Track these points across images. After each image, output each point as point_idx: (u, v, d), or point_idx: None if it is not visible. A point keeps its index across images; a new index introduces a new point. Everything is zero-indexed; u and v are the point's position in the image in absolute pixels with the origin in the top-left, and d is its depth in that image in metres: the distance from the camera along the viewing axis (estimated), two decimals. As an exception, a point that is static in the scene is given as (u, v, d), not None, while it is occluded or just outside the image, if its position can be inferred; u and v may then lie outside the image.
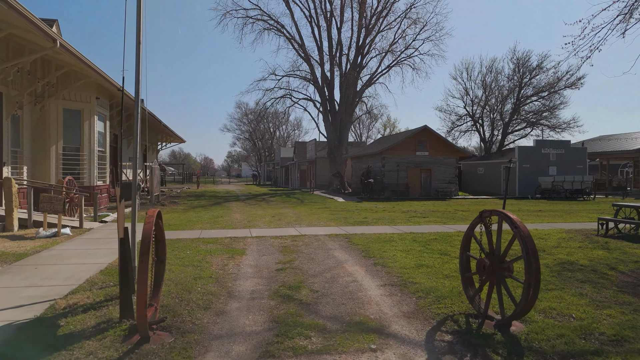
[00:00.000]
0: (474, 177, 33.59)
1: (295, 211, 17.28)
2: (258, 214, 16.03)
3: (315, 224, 12.87)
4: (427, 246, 8.89)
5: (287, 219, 14.13)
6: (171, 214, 15.43)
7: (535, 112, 41.11)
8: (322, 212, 17.01)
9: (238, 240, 9.75)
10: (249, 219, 14.22)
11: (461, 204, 22.09)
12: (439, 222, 13.72)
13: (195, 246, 8.84)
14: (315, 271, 6.76)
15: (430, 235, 10.36)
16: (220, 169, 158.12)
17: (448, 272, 6.58)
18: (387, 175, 27.40)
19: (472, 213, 16.95)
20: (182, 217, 14.48)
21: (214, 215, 15.24)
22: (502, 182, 30.70)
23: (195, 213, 15.92)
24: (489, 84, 42.83)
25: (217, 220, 13.54)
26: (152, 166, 18.35)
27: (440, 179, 28.43)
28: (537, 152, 29.25)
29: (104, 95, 16.23)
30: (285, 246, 8.99)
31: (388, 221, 13.75)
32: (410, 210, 17.92)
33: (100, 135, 16.09)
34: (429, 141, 28.27)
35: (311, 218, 14.59)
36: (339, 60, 36.23)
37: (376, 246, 8.91)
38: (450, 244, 9.21)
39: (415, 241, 9.53)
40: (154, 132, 32.85)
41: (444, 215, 15.88)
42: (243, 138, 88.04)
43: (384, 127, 75.16)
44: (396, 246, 8.90)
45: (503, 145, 42.05)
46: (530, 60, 39.95)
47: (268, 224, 12.77)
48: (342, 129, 35.64)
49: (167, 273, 6.28)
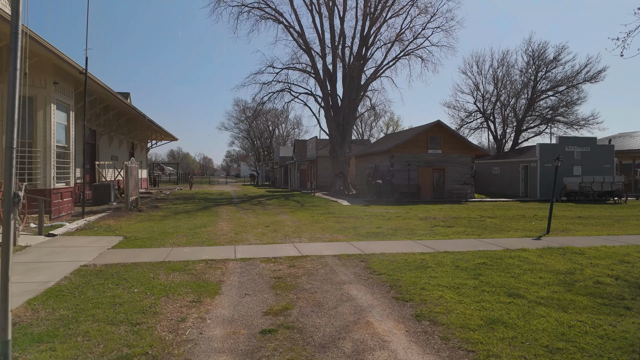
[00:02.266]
0: (489, 177, 30.99)
1: (295, 218, 14.68)
2: (250, 222, 13.43)
3: (319, 237, 10.28)
4: (481, 278, 6.29)
5: (285, 230, 11.54)
6: (144, 222, 12.83)
7: (551, 107, 38.51)
8: (326, 219, 14.42)
9: (216, 265, 7.15)
10: (238, 229, 11.63)
11: (483, 208, 19.49)
12: (470, 233, 11.12)
13: (152, 277, 6.24)
14: (325, 336, 4.16)
15: (475, 257, 7.76)
16: (220, 169, 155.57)
17: (546, 340, 3.98)
18: (396, 176, 24.81)
19: (502, 220, 14.36)
20: (157, 227, 11.88)
21: (196, 224, 12.63)
22: (520, 183, 28.09)
23: (174, 221, 13.31)
24: (500, 78, 40.25)
25: (197, 232, 10.94)
26: (128, 165, 15.74)
27: (454, 179, 25.83)
28: (560, 150, 26.62)
29: (66, 81, 13.62)
30: (279, 277, 6.40)
31: (408, 232, 11.15)
32: (429, 217, 15.32)
33: (62, 128, 13.49)
34: (442, 138, 25.66)
35: (314, 228, 12.00)
36: (342, 53, 33.65)
37: (408, 277, 6.31)
38: (509, 272, 6.61)
39: (459, 268, 6.93)
40: (140, 128, 30.25)
41: (472, 224, 13.28)
42: (241, 137, 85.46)
43: (387, 125, 72.33)
44: (436, 277, 6.31)
45: (517, 143, 39.43)
46: (546, 52, 37.39)
47: (260, 238, 10.17)
48: (346, 126, 33.04)
49: (76, 343, 3.69)
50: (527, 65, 38.68)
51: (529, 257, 7.81)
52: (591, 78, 35.90)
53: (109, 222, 12.38)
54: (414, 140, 25.25)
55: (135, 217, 14.00)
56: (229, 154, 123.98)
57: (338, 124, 32.97)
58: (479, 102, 41.88)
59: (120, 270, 6.70)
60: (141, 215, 14.60)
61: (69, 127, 13.92)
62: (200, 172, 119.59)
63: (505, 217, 15.76)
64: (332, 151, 33.36)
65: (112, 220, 12.99)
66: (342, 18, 33.06)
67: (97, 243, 9.13)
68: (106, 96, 17.48)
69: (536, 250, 8.52)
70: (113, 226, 11.70)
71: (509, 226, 12.81)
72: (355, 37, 33.49)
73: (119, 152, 26.65)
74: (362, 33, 32.84)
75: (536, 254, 8.14)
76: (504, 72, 40.23)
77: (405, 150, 25.13)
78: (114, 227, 11.58)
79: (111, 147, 24.84)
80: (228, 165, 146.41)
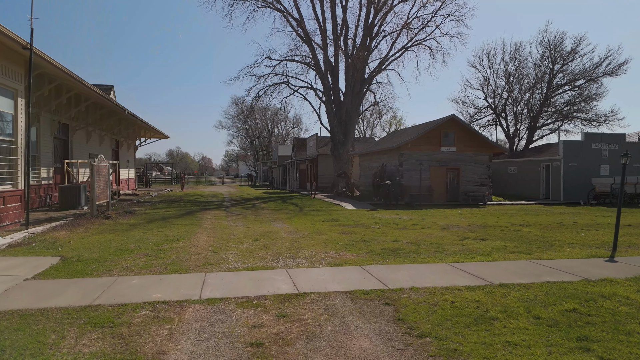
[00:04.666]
0: (504, 177, 28.45)
1: (292, 228, 12.21)
2: (236, 233, 10.95)
3: (322, 257, 7.81)
4: (592, 347, 3.80)
5: (277, 246, 9.06)
6: (104, 234, 10.34)
7: (568, 103, 35.95)
8: (330, 228, 11.94)
9: (166, 314, 4.68)
10: (218, 245, 9.15)
11: (508, 214, 17.01)
12: (515, 250, 8.64)
13: (49, 345, 3.78)
14: None
15: (553, 298, 5.28)
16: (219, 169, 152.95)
17: None
18: (405, 176, 22.31)
19: (542, 230, 11.88)
20: (116, 241, 9.40)
21: (167, 237, 10.14)
22: (541, 184, 25.59)
23: (142, 232, 10.82)
24: (513, 72, 37.71)
25: (164, 250, 8.45)
26: (94, 164, 13.23)
27: (469, 180, 23.32)
28: (585, 147, 24.14)
29: (12, 62, 11.13)
30: (259, 342, 3.93)
31: (435, 249, 8.69)
32: (451, 225, 12.85)
33: (7, 118, 11.03)
34: (456, 134, 23.15)
35: (315, 242, 9.52)
36: (344, 44, 31.15)
37: (470, 343, 3.84)
38: (624, 330, 4.13)
39: (542, 322, 4.43)
40: (125, 124, 27.75)
41: (507, 235, 10.81)
42: (239, 136, 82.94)
43: (389, 124, 69.72)
44: (517, 343, 3.84)
45: (531, 141, 36.89)
46: (563, 43, 34.83)
47: (244, 258, 7.69)
48: (348, 122, 30.57)
49: None
50: (542, 57, 36.12)
51: (631, 297, 5.34)
52: (612, 71, 33.36)
53: (58, 235, 9.89)
54: (425, 136, 22.74)
55: (96, 227, 11.51)
56: (227, 154, 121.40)
57: (340, 120, 30.50)
58: (489, 97, 39.37)
59: (8, 325, 4.22)
60: (106, 224, 12.10)
61: (17, 116, 11.43)
62: (199, 172, 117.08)
63: (541, 225, 13.29)
64: (333, 149, 30.89)
65: (64, 231, 10.49)
66: (345, 6, 30.55)
67: (19, 269, 6.66)
68: (72, 83, 14.98)
69: (628, 282, 6.05)
70: (60, 240, 9.21)
71: (556, 239, 10.33)
72: (359, 26, 31.04)
73: (100, 150, 24.14)
74: (367, 22, 30.36)
75: (635, 290, 5.67)
76: (517, 66, 37.71)
77: (415, 147, 22.63)
78: (60, 241, 9.09)
79: (89, 144, 22.36)
80: (227, 165, 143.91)
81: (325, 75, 30.62)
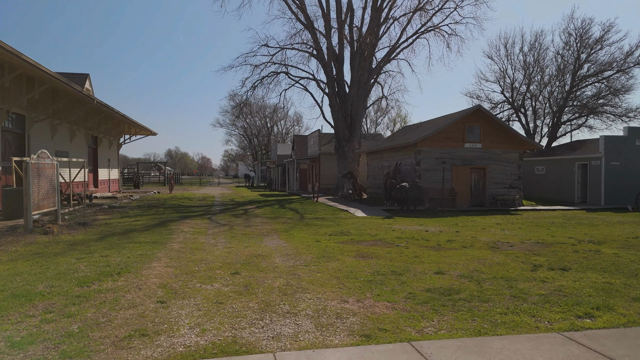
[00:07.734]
0: (531, 178, 25.21)
1: (290, 248, 9.04)
2: (210, 259, 7.76)
3: (337, 314, 4.65)
4: None
5: (266, 286, 5.89)
6: (14, 262, 7.17)
7: (594, 96, 32.74)
8: (340, 248, 8.77)
9: None
10: (175, 284, 5.99)
11: (556, 224, 13.83)
12: (621, 290, 5.47)
13: None
14: None
15: None
16: (219, 169, 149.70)
17: None
18: (423, 177, 19.15)
19: (626, 251, 8.71)
20: (25, 275, 6.25)
21: (107, 267, 6.96)
22: (576, 186, 22.40)
23: (74, 258, 7.63)
24: (533, 63, 34.51)
25: (84, 298, 5.29)
26: (29, 162, 10.05)
27: (497, 181, 20.14)
28: (629, 144, 20.96)
29: None
30: None
31: (507, 291, 5.55)
32: (499, 243, 9.68)
33: None
34: (482, 128, 19.97)
35: (322, 278, 6.35)
36: (350, 31, 27.99)
37: None
38: None
39: None
40: (105, 119, 24.58)
41: (591, 262, 7.65)
42: (237, 134, 79.82)
43: (393, 122, 66.27)
44: None
45: (555, 138, 33.69)
46: (590, 30, 31.62)
47: (205, 321, 4.53)
48: (354, 116, 27.43)
49: None
50: (567, 46, 32.93)
51: None
52: (645, 61, 30.17)
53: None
54: (446, 131, 19.54)
55: (17, 249, 8.35)
56: (227, 154, 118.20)
57: (345, 114, 27.36)
58: (506, 91, 36.19)
59: None
60: (35, 244, 8.92)
61: None
62: (198, 172, 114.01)
63: (615, 241, 10.13)
64: (338, 147, 27.74)
65: (-38, 257, 7.33)
66: (350, -12, 27.40)
67: None
68: (9, 59, 11.78)
69: None
70: (-63, 276, 6.05)
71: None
72: (366, 10, 27.86)
73: (70, 147, 21.01)
74: (375, 4, 27.20)
75: None
76: (537, 56, 34.51)
77: (435, 144, 19.45)
78: None
79: (55, 139, 19.21)
80: (227, 165, 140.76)
81: (328, 64, 27.48)
